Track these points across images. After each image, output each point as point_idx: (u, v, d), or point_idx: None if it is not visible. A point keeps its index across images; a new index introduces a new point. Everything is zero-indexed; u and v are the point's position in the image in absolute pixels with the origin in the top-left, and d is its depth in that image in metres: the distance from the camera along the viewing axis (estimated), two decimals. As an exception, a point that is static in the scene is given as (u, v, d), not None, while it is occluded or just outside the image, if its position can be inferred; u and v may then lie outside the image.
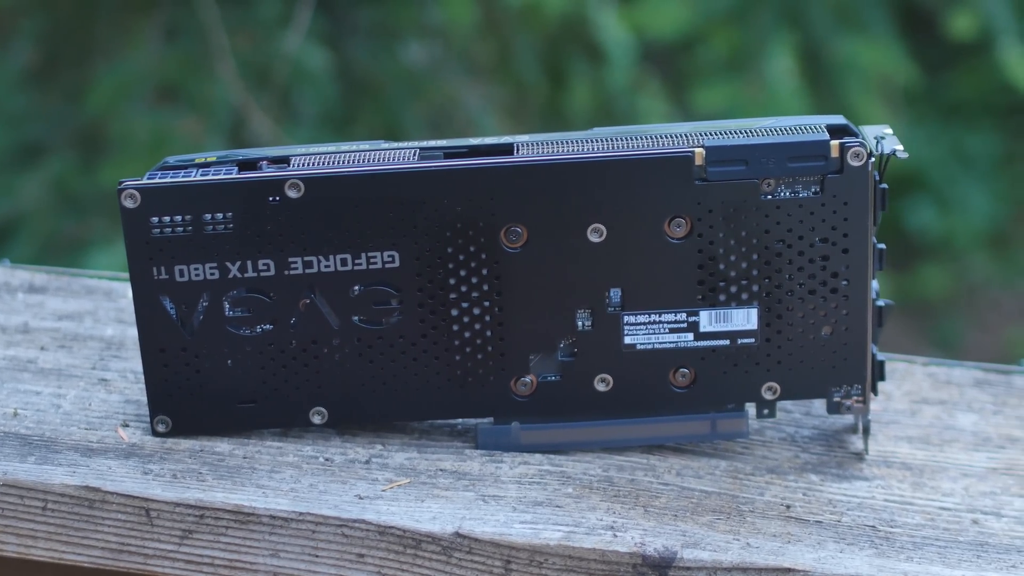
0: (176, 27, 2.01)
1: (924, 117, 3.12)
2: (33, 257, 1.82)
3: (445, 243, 0.85)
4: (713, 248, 0.85)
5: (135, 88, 1.99)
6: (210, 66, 1.90)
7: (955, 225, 3.20)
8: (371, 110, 2.13)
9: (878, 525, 0.84)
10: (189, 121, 1.96)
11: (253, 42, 2.00)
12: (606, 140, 0.85)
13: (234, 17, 2.01)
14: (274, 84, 1.99)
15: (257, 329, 0.86)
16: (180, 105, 2.05)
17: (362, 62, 2.14)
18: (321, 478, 0.85)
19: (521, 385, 0.87)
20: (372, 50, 2.15)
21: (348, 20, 2.15)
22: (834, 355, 0.87)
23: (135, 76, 2.00)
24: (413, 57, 2.20)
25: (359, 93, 2.14)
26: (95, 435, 0.88)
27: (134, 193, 0.84)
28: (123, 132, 1.95)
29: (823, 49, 2.29)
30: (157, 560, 0.84)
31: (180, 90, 2.06)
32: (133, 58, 2.01)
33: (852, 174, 0.84)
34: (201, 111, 1.97)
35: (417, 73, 2.17)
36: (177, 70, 2.02)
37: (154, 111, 2.01)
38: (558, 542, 0.81)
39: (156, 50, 2.00)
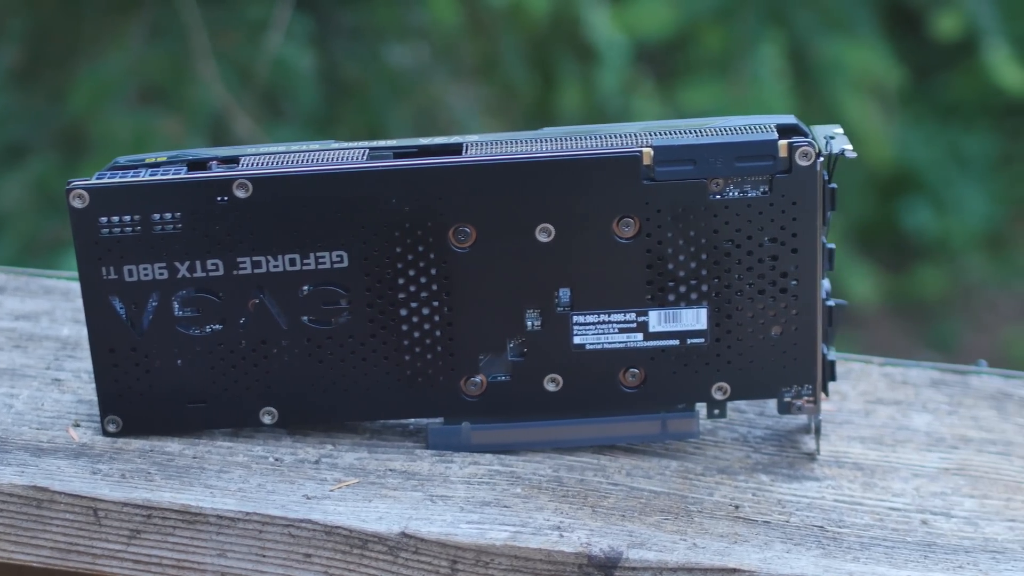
0: (159, 27, 2.01)
1: (921, 118, 3.12)
2: (13, 257, 1.83)
3: (393, 243, 0.85)
4: (662, 248, 0.85)
5: (117, 88, 1.99)
6: (191, 66, 1.90)
7: (951, 226, 3.20)
8: (355, 111, 2.13)
9: (826, 525, 0.84)
10: (171, 121, 1.96)
11: (236, 42, 2.00)
12: (555, 140, 0.85)
13: (217, 17, 2.01)
14: (256, 84, 1.99)
15: (206, 329, 0.86)
16: (162, 105, 2.05)
17: (346, 63, 2.14)
18: (270, 478, 0.85)
19: (471, 385, 0.87)
20: (356, 51, 2.15)
21: (332, 21, 2.16)
22: (784, 355, 0.87)
23: (117, 76, 2.00)
24: (397, 58, 2.20)
25: (343, 94, 2.14)
26: (46, 435, 0.88)
27: (82, 193, 0.84)
28: (105, 132, 1.95)
29: (808, 50, 2.29)
30: (105, 560, 0.84)
31: (162, 90, 2.06)
32: (115, 58, 2.01)
33: (800, 174, 0.84)
34: (182, 111, 1.97)
35: (401, 74, 2.17)
36: (159, 70, 2.02)
37: (136, 111, 2.02)
38: (504, 542, 0.81)
39: (139, 50, 2.00)
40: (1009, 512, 0.86)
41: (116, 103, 2.00)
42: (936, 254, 3.34)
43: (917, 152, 3.10)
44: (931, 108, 3.16)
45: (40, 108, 2.07)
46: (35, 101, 2.09)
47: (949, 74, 3.05)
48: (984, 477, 0.89)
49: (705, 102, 2.23)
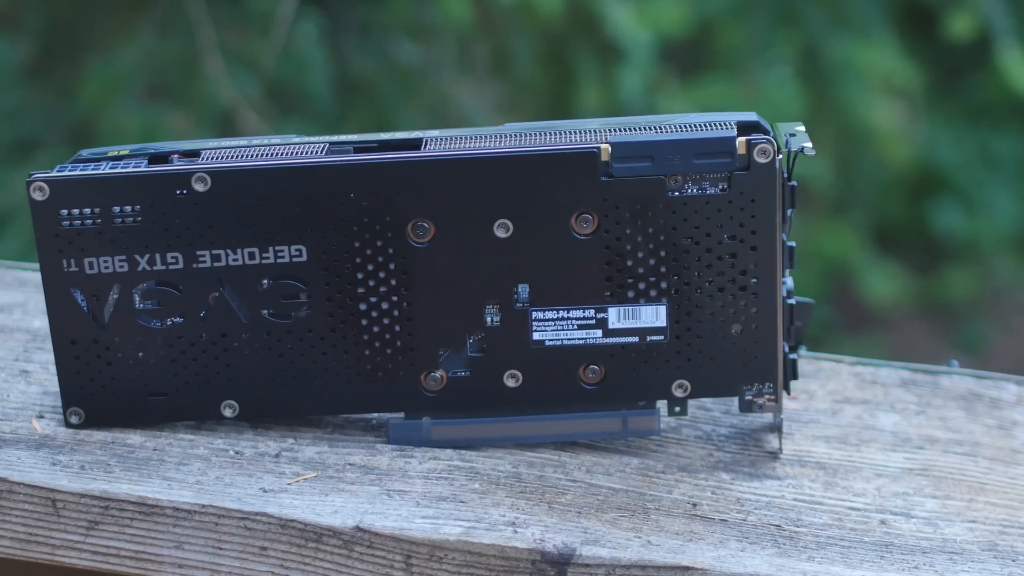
0: (169, 22, 2.02)
1: (951, 119, 3.11)
2: (22, 251, 1.84)
3: (352, 237, 0.85)
4: (620, 245, 0.85)
5: (125, 83, 2.00)
6: (199, 62, 1.90)
7: (981, 227, 3.18)
8: (364, 107, 2.13)
9: (783, 524, 0.84)
10: (179, 117, 1.97)
11: (243, 38, 2.01)
12: (515, 135, 0.85)
13: (225, 12, 2.02)
14: (266, 80, 1.99)
15: (167, 322, 0.87)
16: (171, 101, 2.06)
17: (357, 60, 2.15)
18: (228, 471, 0.86)
19: (431, 380, 0.87)
20: (367, 48, 2.15)
21: (343, 17, 2.16)
22: (744, 353, 0.86)
23: (126, 71, 2.01)
24: (408, 55, 2.20)
25: (353, 91, 2.14)
26: (8, 426, 0.89)
27: (43, 186, 0.85)
28: (113, 127, 1.96)
29: (821, 50, 2.28)
30: (64, 551, 0.84)
31: (170, 86, 2.07)
32: (125, 53, 2.02)
33: (759, 171, 0.83)
34: (191, 107, 1.98)
35: (412, 71, 2.18)
36: (168, 66, 2.03)
37: (144, 107, 2.02)
38: (457, 537, 0.81)
39: (149, 45, 2.01)
40: (970, 513, 0.85)
41: (125, 98, 2.00)
42: (965, 256, 3.32)
43: (946, 153, 3.08)
44: (960, 109, 3.15)
45: (51, 103, 2.09)
46: (46, 96, 2.10)
47: (974, 75, 3.04)
48: (948, 478, 0.88)
49: (713, 102, 2.23)
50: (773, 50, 2.21)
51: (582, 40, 2.52)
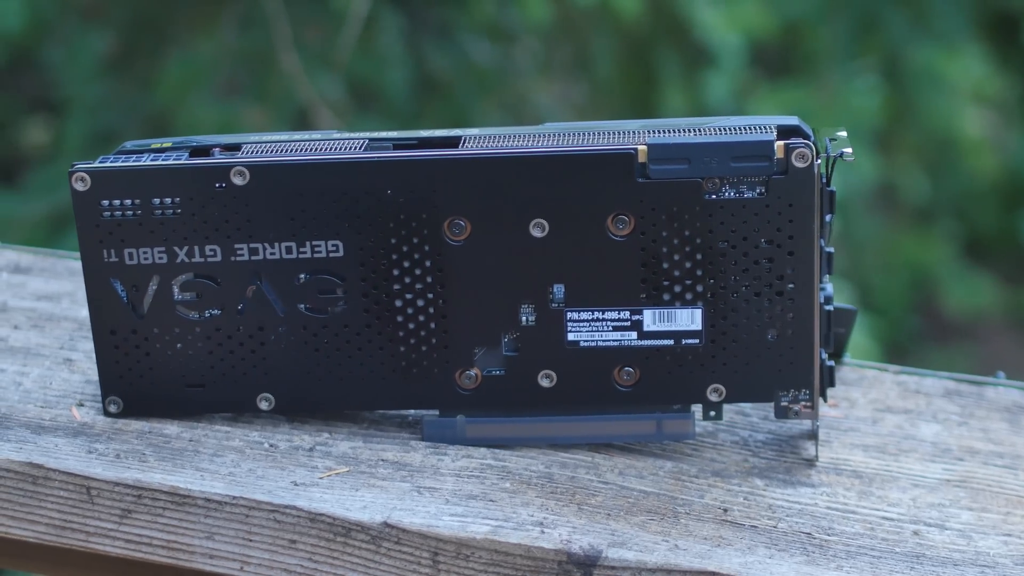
0: (250, 17, 2.03)
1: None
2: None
3: (388, 234, 0.85)
4: (656, 247, 0.84)
5: (204, 78, 2.02)
6: (276, 58, 1.91)
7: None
8: (440, 106, 2.14)
9: (814, 532, 0.83)
10: (255, 112, 1.99)
11: (321, 34, 2.02)
12: (554, 135, 0.85)
13: (303, 9, 2.03)
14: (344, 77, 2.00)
15: (205, 314, 0.87)
16: (247, 96, 2.07)
17: (434, 58, 2.15)
18: (262, 463, 0.86)
19: (466, 378, 0.87)
20: (445, 47, 2.16)
21: (423, 17, 2.17)
22: (780, 359, 0.86)
23: (204, 66, 2.02)
24: (485, 55, 2.20)
25: (429, 89, 2.15)
26: (49, 413, 0.90)
27: (84, 176, 0.85)
28: (190, 122, 1.98)
29: (902, 57, 2.26)
30: (98, 538, 0.85)
31: (248, 81, 2.08)
32: (204, 48, 2.04)
33: (797, 176, 0.83)
34: (267, 103, 1.99)
35: (489, 71, 2.18)
36: (245, 61, 2.05)
37: (221, 101, 2.04)
38: (484, 536, 0.81)
39: (229, 40, 2.02)
40: (1006, 526, 0.84)
41: (203, 92, 2.02)
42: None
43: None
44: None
45: (130, 96, 2.11)
46: (126, 88, 2.12)
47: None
48: (986, 490, 0.87)
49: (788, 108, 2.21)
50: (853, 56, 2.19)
51: (667, 42, 2.52)
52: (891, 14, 2.20)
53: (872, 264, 3.13)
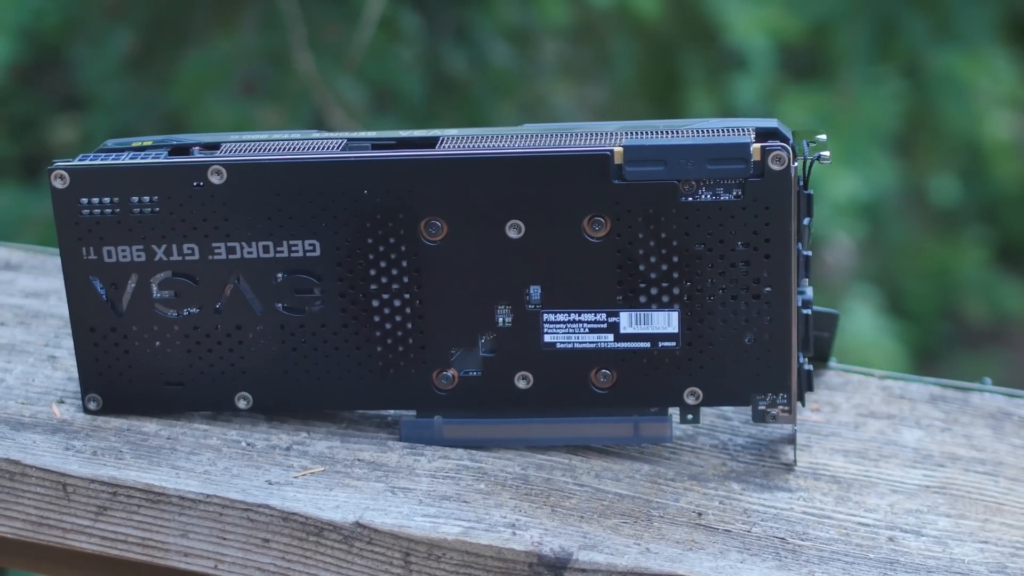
0: (268, 17, 2.04)
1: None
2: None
3: (365, 234, 0.85)
4: (632, 249, 0.84)
5: (219, 77, 2.02)
6: (290, 57, 1.92)
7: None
8: (456, 107, 2.13)
9: (788, 537, 0.82)
10: (270, 112, 1.99)
11: (336, 34, 2.02)
12: (531, 136, 0.85)
13: (319, 9, 2.03)
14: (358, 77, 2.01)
15: (184, 312, 0.87)
16: (264, 96, 2.07)
17: (451, 59, 2.15)
18: (238, 462, 0.86)
19: (443, 379, 0.87)
20: (461, 48, 2.16)
21: (440, 18, 2.16)
22: (758, 362, 0.85)
23: (220, 65, 2.03)
24: (503, 56, 2.20)
25: (446, 90, 2.15)
26: (29, 410, 0.90)
27: (63, 174, 0.86)
28: (205, 121, 1.99)
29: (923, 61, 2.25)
30: (74, 535, 0.85)
31: (264, 81, 2.08)
32: (220, 47, 2.04)
33: (773, 178, 0.82)
34: (282, 102, 2.00)
35: (506, 72, 2.18)
36: (261, 61, 2.05)
37: (237, 101, 2.04)
38: (456, 537, 0.81)
39: (246, 40, 2.03)
40: (983, 534, 0.84)
41: (218, 92, 2.03)
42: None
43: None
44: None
45: (148, 94, 2.11)
46: (144, 87, 2.13)
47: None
48: (965, 497, 0.87)
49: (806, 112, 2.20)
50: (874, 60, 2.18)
51: (692, 45, 2.51)
52: (912, 18, 2.19)
53: (902, 269, 3.12)
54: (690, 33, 2.47)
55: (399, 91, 2.11)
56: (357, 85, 2.04)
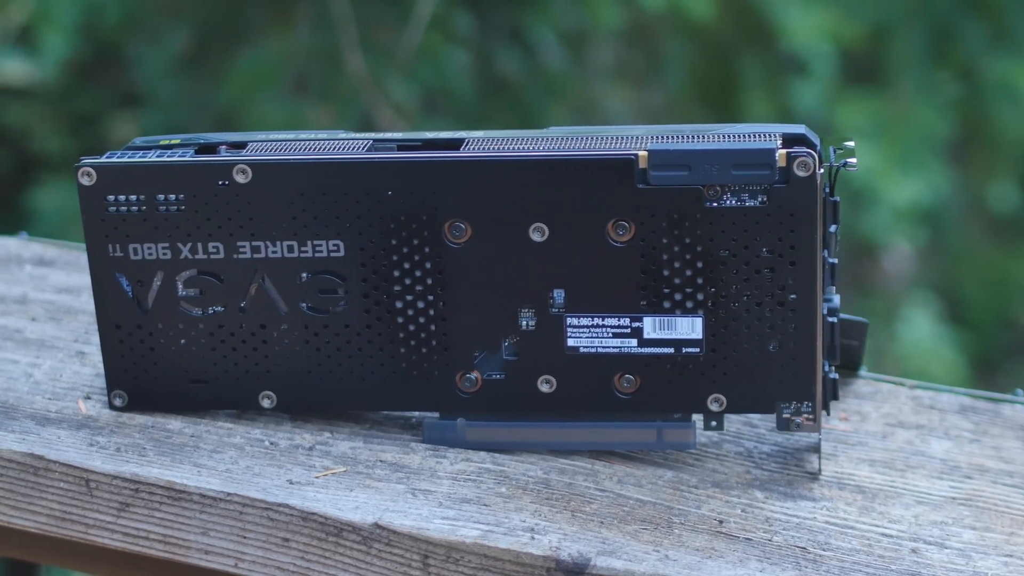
0: (320, 17, 2.04)
1: None
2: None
3: (389, 235, 0.85)
4: (656, 254, 0.84)
5: (271, 76, 2.03)
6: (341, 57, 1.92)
7: None
8: (507, 109, 2.13)
9: (809, 547, 0.82)
10: (321, 112, 1.99)
11: (387, 35, 2.02)
12: (557, 139, 0.85)
13: (371, 9, 2.03)
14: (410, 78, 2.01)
15: (209, 310, 0.87)
16: (315, 96, 2.08)
17: (503, 61, 2.15)
18: (260, 461, 0.86)
19: (466, 381, 0.87)
20: (514, 49, 2.16)
21: (492, 19, 2.16)
22: (782, 369, 0.85)
23: (272, 65, 2.04)
24: (555, 58, 2.19)
25: (497, 92, 2.15)
26: (55, 405, 0.90)
27: (90, 171, 0.86)
28: (256, 120, 1.99)
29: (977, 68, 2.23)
30: (97, 530, 0.86)
31: (315, 81, 2.09)
32: (272, 47, 2.05)
33: (799, 185, 0.82)
34: (332, 102, 2.00)
35: (558, 74, 2.17)
36: (313, 60, 2.05)
37: (288, 100, 2.05)
38: (474, 540, 0.80)
39: (299, 40, 2.03)
40: (1008, 547, 0.83)
41: (270, 91, 2.03)
42: None
43: None
44: None
45: (201, 93, 2.12)
46: (197, 86, 2.14)
47: None
48: (992, 509, 0.86)
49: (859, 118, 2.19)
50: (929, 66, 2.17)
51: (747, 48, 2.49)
52: (969, 25, 2.17)
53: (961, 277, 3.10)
54: (746, 36, 2.46)
55: (450, 92, 2.11)
56: (407, 86, 2.04)
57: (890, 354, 2.89)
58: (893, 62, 2.16)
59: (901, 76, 2.14)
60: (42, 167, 2.52)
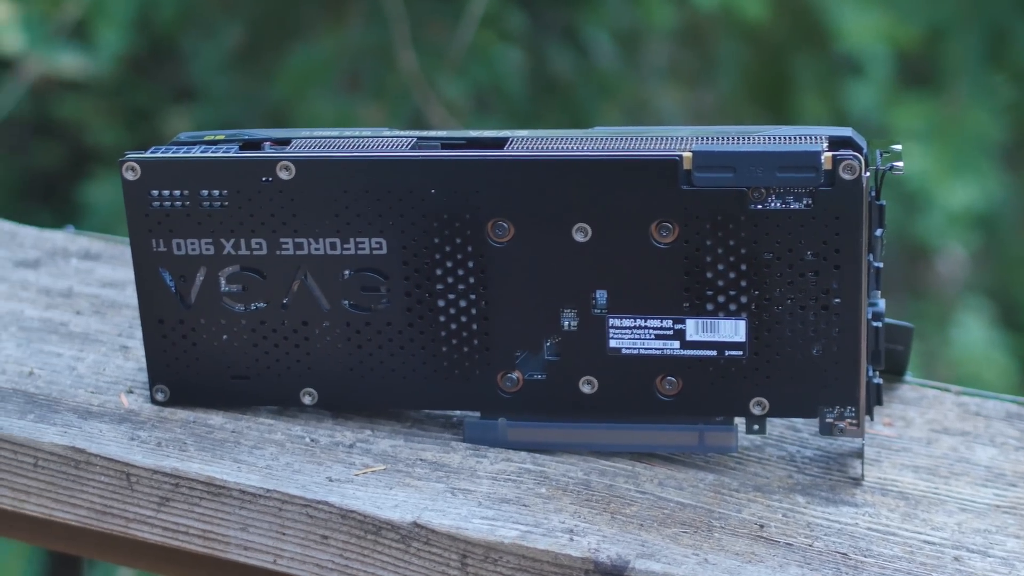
0: (373, 14, 2.04)
1: None
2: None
3: (431, 233, 0.85)
4: (700, 255, 0.83)
5: (323, 73, 2.03)
6: (393, 55, 1.92)
7: None
8: (559, 108, 2.13)
9: (851, 553, 0.81)
10: (372, 109, 1.99)
11: (441, 32, 2.02)
12: (601, 139, 0.84)
13: (424, 7, 2.03)
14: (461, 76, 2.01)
15: (251, 306, 0.88)
16: (366, 93, 2.08)
17: (555, 60, 2.15)
18: (300, 458, 0.86)
19: (507, 381, 0.87)
20: (566, 49, 2.15)
21: (545, 17, 2.16)
22: (825, 374, 0.84)
23: (324, 61, 2.04)
24: (607, 58, 2.19)
25: (549, 91, 2.14)
26: (98, 399, 0.91)
27: (134, 166, 0.86)
28: (307, 117, 2.00)
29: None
30: (137, 525, 0.86)
31: (367, 78, 2.09)
32: (324, 44, 2.05)
33: (844, 188, 0.81)
34: (384, 100, 2.00)
35: (610, 74, 2.17)
36: (365, 57, 2.06)
37: (339, 97, 2.05)
38: (512, 540, 0.80)
39: (352, 37, 2.03)
40: (1053, 556, 0.82)
41: (322, 88, 2.04)
42: None
43: None
44: None
45: (253, 89, 2.13)
46: (249, 82, 2.14)
47: None
48: (1036, 518, 0.85)
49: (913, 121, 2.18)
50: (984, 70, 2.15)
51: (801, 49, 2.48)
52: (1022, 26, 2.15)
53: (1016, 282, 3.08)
54: (800, 37, 2.45)
55: (502, 91, 2.10)
56: (459, 84, 2.04)
57: (942, 359, 2.87)
58: (948, 65, 2.15)
59: (956, 79, 2.12)
60: (96, 160, 2.53)
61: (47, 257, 1.07)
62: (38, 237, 1.11)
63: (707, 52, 2.29)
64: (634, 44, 2.25)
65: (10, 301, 1.01)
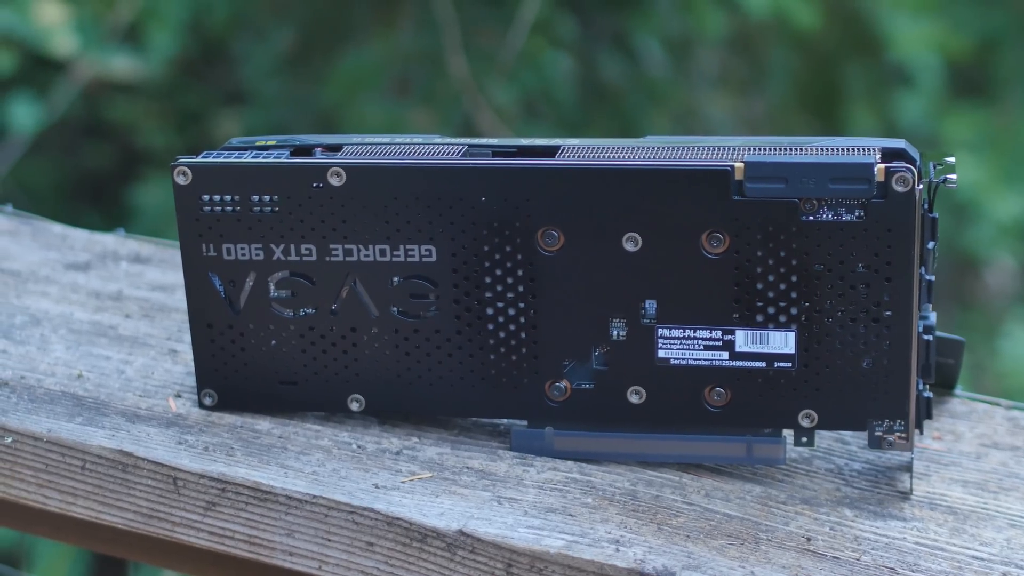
0: (423, 20, 2.05)
1: None
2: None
3: (481, 241, 0.85)
4: (751, 266, 0.83)
5: (373, 78, 2.03)
6: (444, 61, 1.92)
7: None
8: (608, 115, 2.13)
9: (898, 568, 0.80)
10: (421, 114, 1.99)
11: (492, 38, 2.02)
12: (653, 149, 0.84)
13: (475, 13, 2.03)
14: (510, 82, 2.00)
15: (300, 312, 0.88)
16: (415, 98, 2.08)
17: (605, 67, 2.14)
18: (346, 464, 0.86)
19: (555, 390, 0.87)
20: (616, 56, 2.15)
21: (596, 25, 2.16)
22: (875, 387, 0.83)
23: (374, 66, 2.04)
24: (658, 65, 2.18)
25: (599, 98, 2.14)
26: (146, 403, 0.91)
27: (186, 170, 0.86)
28: (357, 121, 2.00)
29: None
30: (183, 529, 0.86)
31: (417, 83, 2.09)
32: (375, 48, 2.05)
33: (897, 200, 0.81)
34: (434, 105, 2.00)
35: (660, 82, 2.16)
36: (415, 63, 2.06)
37: (389, 102, 2.05)
38: (558, 550, 0.80)
39: (403, 42, 2.04)
40: (1103, 574, 0.81)
41: (372, 92, 2.04)
42: None
43: None
44: None
45: (303, 93, 2.13)
46: (300, 85, 2.15)
47: None
48: (1087, 535, 0.84)
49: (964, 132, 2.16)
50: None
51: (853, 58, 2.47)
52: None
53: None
54: (851, 46, 2.44)
55: (551, 97, 2.10)
56: (509, 90, 2.04)
57: (991, 370, 2.86)
58: (1000, 76, 2.13)
59: (1008, 90, 2.11)
60: (147, 163, 2.54)
61: (97, 260, 1.08)
62: (89, 240, 1.11)
63: (757, 60, 2.28)
64: (685, 52, 2.25)
65: (60, 303, 1.02)
